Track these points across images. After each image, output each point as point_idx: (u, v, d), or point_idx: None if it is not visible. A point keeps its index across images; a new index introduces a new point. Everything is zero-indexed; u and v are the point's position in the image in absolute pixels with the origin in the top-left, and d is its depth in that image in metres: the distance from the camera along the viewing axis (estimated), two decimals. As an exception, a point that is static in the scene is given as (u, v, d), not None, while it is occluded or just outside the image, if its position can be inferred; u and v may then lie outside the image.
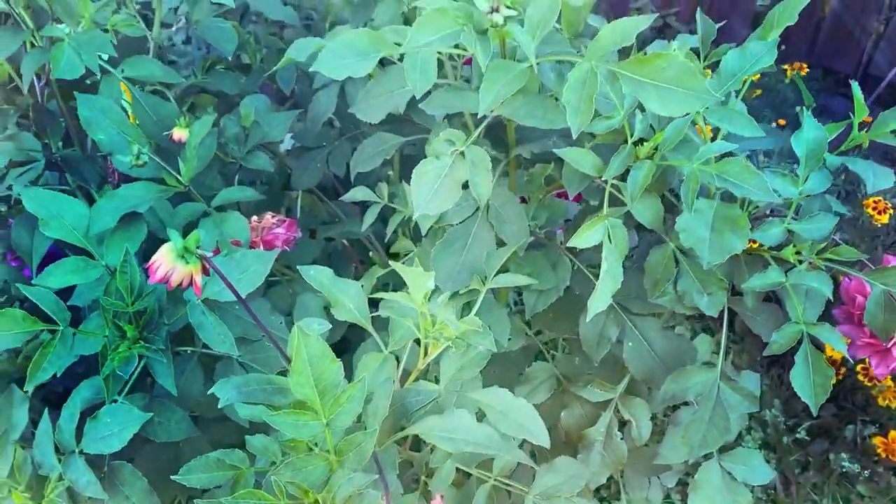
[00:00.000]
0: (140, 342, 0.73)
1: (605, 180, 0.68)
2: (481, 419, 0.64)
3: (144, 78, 0.85)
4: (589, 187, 0.74)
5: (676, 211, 0.79)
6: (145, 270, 0.71)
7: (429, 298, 0.61)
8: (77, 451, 0.71)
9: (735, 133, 0.66)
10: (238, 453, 0.65)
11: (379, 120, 0.77)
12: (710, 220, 0.66)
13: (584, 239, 0.64)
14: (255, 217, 0.84)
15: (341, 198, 0.85)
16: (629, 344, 0.81)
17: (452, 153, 0.65)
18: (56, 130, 0.93)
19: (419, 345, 0.67)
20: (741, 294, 0.78)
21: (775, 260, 0.74)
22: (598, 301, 0.64)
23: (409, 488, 0.74)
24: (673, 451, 0.78)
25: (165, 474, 0.80)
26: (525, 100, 0.67)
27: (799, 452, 1.42)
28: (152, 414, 0.69)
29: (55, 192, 0.75)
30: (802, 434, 1.40)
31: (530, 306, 0.82)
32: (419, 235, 0.84)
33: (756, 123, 0.64)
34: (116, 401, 0.72)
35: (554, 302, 0.82)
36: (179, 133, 0.81)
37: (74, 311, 0.79)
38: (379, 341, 0.68)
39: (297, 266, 0.68)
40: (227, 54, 0.92)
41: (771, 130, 0.76)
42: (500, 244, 0.76)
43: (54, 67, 0.78)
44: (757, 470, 0.79)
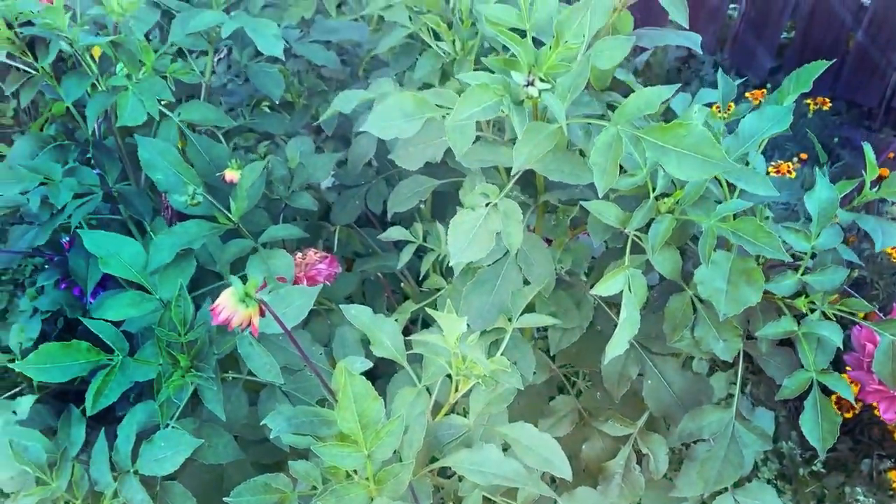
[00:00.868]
0: (192, 370, 0.79)
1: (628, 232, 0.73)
2: (506, 449, 0.69)
3: (199, 121, 0.91)
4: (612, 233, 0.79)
5: (694, 256, 0.83)
6: (205, 310, 0.77)
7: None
8: (132, 472, 0.77)
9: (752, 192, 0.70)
10: (282, 478, 0.70)
11: (417, 168, 0.83)
12: (727, 273, 0.70)
13: (606, 287, 0.69)
14: (300, 254, 0.89)
15: (379, 236, 0.91)
16: (648, 382, 0.85)
17: (487, 206, 0.70)
18: (113, 166, 1.00)
19: (450, 379, 0.72)
20: (756, 338, 0.82)
21: (788, 307, 0.78)
22: (616, 346, 0.69)
23: (438, 514, 0.79)
24: (689, 485, 0.82)
25: (209, 493, 0.86)
26: (554, 156, 0.72)
27: (815, 485, 1.45)
28: (203, 441, 0.74)
29: (112, 234, 0.81)
30: (818, 466, 1.43)
31: (555, 343, 0.87)
32: (450, 271, 0.89)
33: (771, 184, 0.69)
34: (169, 425, 0.78)
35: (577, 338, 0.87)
36: (231, 174, 0.88)
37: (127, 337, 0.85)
38: (412, 375, 0.73)
39: (339, 305, 0.73)
40: (275, 98, 0.98)
41: (788, 184, 0.81)
42: (528, 284, 0.81)
43: (120, 114, 0.84)
44: (769, 505, 0.83)
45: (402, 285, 1.14)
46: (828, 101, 2.09)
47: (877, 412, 1.36)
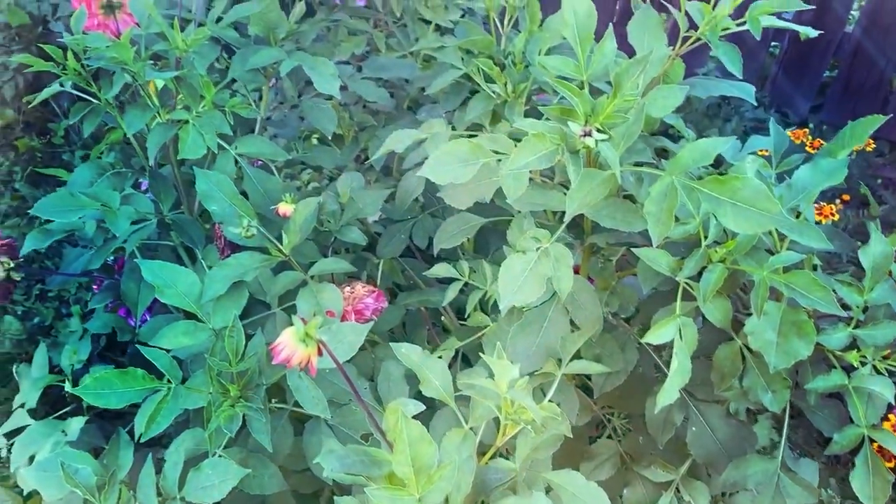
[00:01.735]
0: (241, 400, 0.80)
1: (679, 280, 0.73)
2: (549, 492, 0.70)
3: (255, 155, 0.94)
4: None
5: (743, 304, 0.83)
6: (255, 341, 0.79)
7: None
8: (179, 498, 0.78)
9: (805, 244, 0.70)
10: (327, 512, 0.71)
11: (466, 207, 0.84)
12: (777, 325, 0.70)
13: (658, 336, 0.69)
14: (348, 288, 0.91)
15: (426, 273, 0.92)
16: (693, 428, 0.85)
17: (537, 250, 0.71)
18: (168, 194, 1.03)
19: (496, 422, 0.72)
20: (803, 388, 0.81)
21: (838, 359, 0.78)
22: (667, 395, 0.69)
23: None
24: (731, 536, 0.81)
25: (251, 521, 0.87)
26: (606, 202, 0.73)
27: (855, 535, 1.42)
28: (250, 471, 0.75)
29: (169, 264, 0.83)
30: (859, 517, 1.40)
31: (599, 386, 0.87)
32: (494, 308, 0.90)
33: (825, 237, 0.69)
34: (216, 454, 0.80)
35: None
36: (285, 208, 0.89)
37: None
38: (459, 416, 0.74)
39: (387, 340, 0.74)
40: (328, 134, 1.00)
41: (838, 234, 0.80)
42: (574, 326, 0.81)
43: (181, 148, 0.87)
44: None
45: (442, 318, 1.15)
46: (871, 142, 2.07)
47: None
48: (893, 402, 0.73)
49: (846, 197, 1.97)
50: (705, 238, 0.73)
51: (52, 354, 1.12)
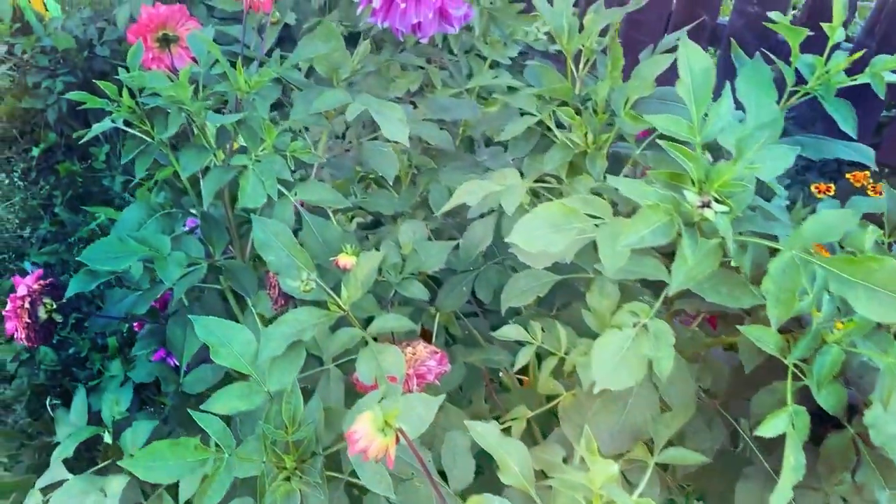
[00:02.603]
0: (297, 472, 0.74)
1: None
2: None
3: (316, 202, 0.88)
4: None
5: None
6: (312, 405, 0.72)
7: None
8: (228, 577, 0.72)
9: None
10: None
11: (544, 266, 0.78)
12: (905, 419, 0.63)
13: (768, 429, 0.62)
14: (410, 348, 0.85)
15: (495, 334, 0.85)
16: (787, 518, 0.77)
17: (635, 325, 0.64)
18: (220, 238, 0.97)
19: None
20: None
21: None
22: (781, 496, 0.61)
23: None
24: None
25: None
26: (710, 274, 0.66)
27: None
28: (307, 551, 0.69)
29: (224, 321, 0.78)
30: None
31: (683, 466, 0.80)
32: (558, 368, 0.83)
33: (962, 322, 0.61)
34: (269, 530, 0.73)
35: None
36: (346, 261, 0.84)
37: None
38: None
39: (466, 422, 0.68)
40: (390, 179, 0.95)
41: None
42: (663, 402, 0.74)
43: (241, 196, 0.82)
44: None
45: (501, 375, 1.08)
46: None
47: None
48: None
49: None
50: (818, 315, 0.66)
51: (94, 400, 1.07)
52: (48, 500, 0.89)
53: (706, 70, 0.60)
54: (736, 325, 0.69)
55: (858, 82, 0.69)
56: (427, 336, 1.02)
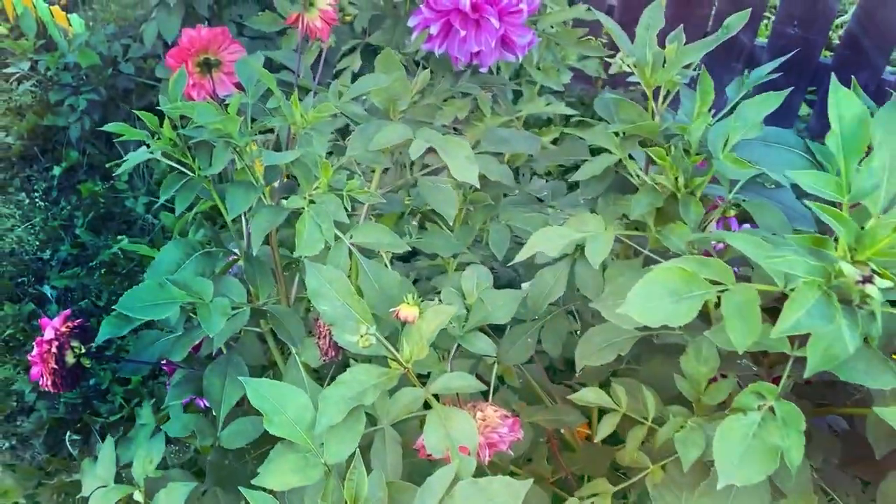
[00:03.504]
0: (360, 558, 0.66)
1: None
2: None
3: (373, 245, 0.80)
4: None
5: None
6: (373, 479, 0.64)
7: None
8: None
9: None
10: None
11: (634, 325, 0.69)
12: None
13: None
14: (480, 413, 0.76)
15: (571, 397, 0.77)
16: None
17: (760, 408, 0.55)
18: (266, 282, 0.90)
19: None
20: None
21: None
22: None
23: None
24: None
25: None
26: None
27: None
28: None
29: (278, 384, 0.70)
30: None
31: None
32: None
33: None
34: None
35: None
36: (407, 312, 0.76)
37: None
38: None
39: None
40: (449, 218, 0.87)
41: None
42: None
43: (298, 243, 0.74)
44: None
45: (563, 431, 1.00)
46: None
47: None
48: None
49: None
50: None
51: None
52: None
53: (859, 118, 0.51)
54: (851, 401, 0.61)
55: None
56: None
